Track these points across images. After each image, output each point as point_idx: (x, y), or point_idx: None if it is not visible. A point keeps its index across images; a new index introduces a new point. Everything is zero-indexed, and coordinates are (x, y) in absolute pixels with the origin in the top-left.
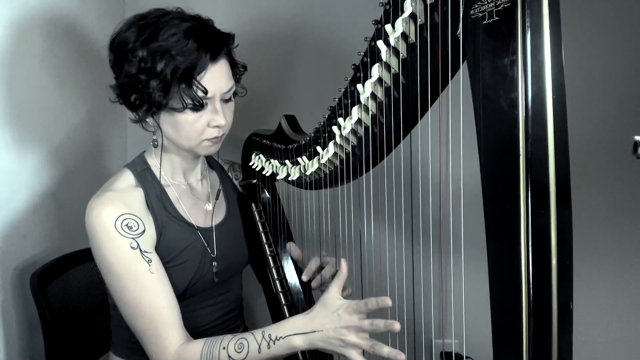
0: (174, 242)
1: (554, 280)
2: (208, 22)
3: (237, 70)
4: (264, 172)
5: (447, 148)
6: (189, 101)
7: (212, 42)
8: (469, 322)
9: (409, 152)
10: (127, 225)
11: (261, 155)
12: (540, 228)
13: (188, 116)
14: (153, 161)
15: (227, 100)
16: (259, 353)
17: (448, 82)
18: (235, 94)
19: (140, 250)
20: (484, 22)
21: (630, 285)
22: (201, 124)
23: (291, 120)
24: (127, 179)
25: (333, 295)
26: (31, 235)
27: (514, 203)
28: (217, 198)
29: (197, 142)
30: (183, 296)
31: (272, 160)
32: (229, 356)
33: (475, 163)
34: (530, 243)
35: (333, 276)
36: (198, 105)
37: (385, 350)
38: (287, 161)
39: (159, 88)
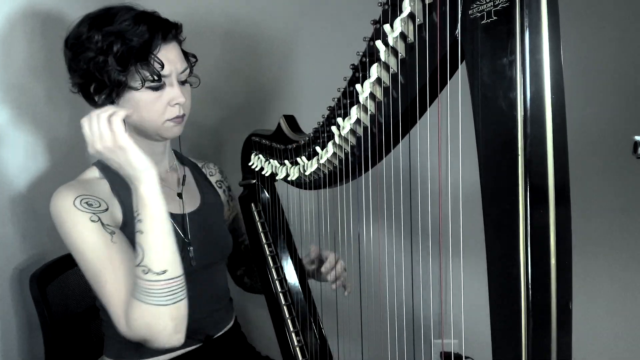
0: None
1: (552, 281)
2: (154, 13)
3: (189, 60)
4: (263, 172)
5: (446, 148)
6: (147, 76)
7: (161, 25)
8: (468, 322)
9: (408, 153)
10: (86, 202)
11: (260, 155)
12: (539, 228)
13: (148, 95)
14: None
15: (183, 83)
16: (143, 233)
17: (447, 82)
18: (190, 83)
19: (102, 223)
20: (483, 22)
21: (630, 285)
22: (162, 104)
23: (290, 120)
24: (91, 172)
25: None
26: (31, 235)
27: (513, 203)
28: (183, 184)
29: (160, 123)
30: None
31: (271, 160)
32: (138, 266)
33: (474, 163)
34: (529, 243)
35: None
36: (157, 81)
37: None
38: (286, 161)
39: (116, 65)
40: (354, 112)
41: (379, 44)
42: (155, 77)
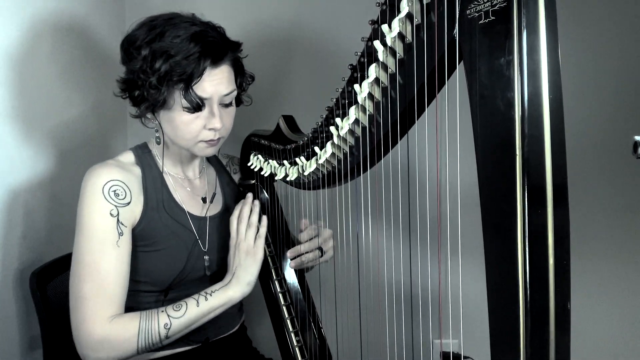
0: (163, 226)
1: (551, 280)
2: (218, 29)
3: (244, 79)
4: (262, 173)
5: (444, 148)
6: (185, 104)
7: (215, 47)
8: (468, 322)
9: (407, 153)
10: (114, 191)
11: (259, 156)
12: (538, 228)
13: (184, 117)
14: (154, 149)
15: (226, 105)
16: (198, 306)
17: (445, 82)
18: (241, 102)
19: (118, 220)
20: (480, 22)
21: (628, 285)
22: (197, 126)
23: (289, 120)
24: (128, 157)
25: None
26: (31, 235)
27: (511, 203)
28: (211, 201)
29: (193, 143)
30: (172, 284)
31: (270, 160)
32: (168, 315)
33: (473, 163)
34: (527, 243)
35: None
36: (195, 108)
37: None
38: (285, 161)
39: (156, 88)
40: (353, 112)
41: (377, 44)
42: (193, 107)
